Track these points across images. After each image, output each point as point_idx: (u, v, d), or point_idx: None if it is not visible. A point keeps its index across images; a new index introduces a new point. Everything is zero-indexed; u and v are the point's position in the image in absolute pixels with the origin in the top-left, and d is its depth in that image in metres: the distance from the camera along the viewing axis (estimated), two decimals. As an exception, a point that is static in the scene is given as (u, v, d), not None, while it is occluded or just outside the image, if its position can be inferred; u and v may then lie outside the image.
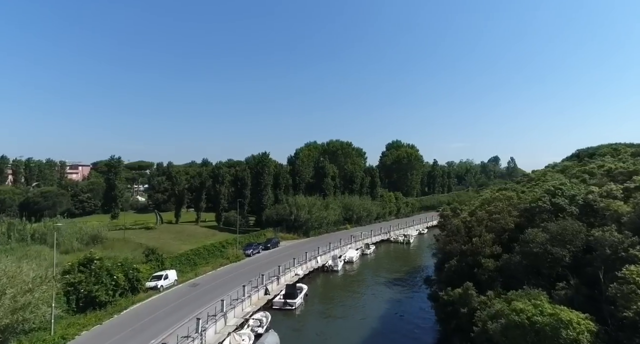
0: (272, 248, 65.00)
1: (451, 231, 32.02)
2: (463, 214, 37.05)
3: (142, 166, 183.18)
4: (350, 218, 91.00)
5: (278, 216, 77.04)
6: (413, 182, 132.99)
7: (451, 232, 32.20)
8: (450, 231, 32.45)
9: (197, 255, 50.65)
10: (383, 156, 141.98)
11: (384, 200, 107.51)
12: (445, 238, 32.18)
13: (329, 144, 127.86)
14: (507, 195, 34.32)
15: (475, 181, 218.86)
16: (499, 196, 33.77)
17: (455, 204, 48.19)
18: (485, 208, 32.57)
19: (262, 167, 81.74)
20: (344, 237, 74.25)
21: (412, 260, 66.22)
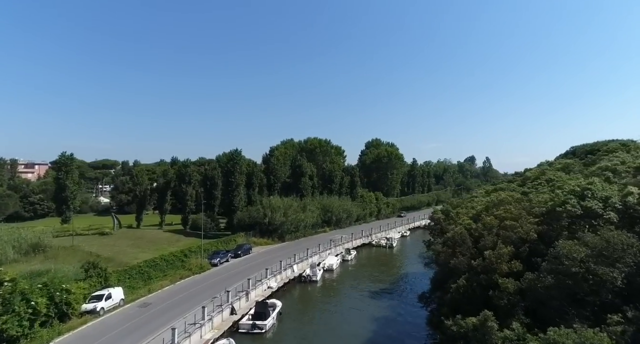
0: (243, 255, 58.20)
1: (453, 240, 26.48)
2: (463, 219, 31.70)
3: (106, 164, 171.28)
4: (329, 220, 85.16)
5: (251, 219, 70.20)
6: (393, 182, 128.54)
7: (453, 242, 26.68)
8: (452, 240, 26.92)
9: (153, 267, 43.33)
10: (362, 154, 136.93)
11: (365, 201, 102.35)
12: (447, 250, 26.57)
13: (307, 141, 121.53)
14: (515, 197, 29.21)
15: (453, 181, 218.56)
16: (507, 198, 28.59)
17: (448, 207, 42.93)
18: (492, 212, 27.29)
19: (234, 165, 74.65)
20: (323, 242, 68.25)
21: (397, 266, 60.91)
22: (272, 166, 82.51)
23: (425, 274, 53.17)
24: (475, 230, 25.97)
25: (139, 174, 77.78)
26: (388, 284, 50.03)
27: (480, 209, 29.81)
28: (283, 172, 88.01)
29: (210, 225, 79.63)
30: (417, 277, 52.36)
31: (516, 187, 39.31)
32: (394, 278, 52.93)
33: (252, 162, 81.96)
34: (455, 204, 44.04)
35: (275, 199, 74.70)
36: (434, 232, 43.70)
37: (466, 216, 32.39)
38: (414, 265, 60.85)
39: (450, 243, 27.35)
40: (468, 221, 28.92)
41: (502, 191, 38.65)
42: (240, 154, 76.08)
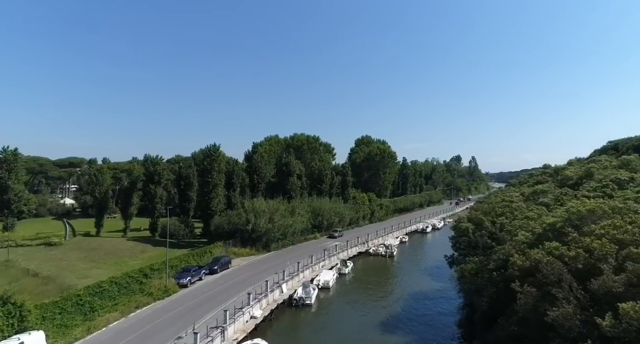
0: (221, 271, 48.22)
1: (544, 276, 16.77)
2: (520, 235, 22.88)
3: (73, 162, 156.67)
4: (320, 225, 75.84)
5: (231, 225, 60.12)
6: (386, 181, 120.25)
7: (541, 279, 17.06)
8: (530, 273, 17.65)
9: (98, 294, 32.95)
10: (352, 152, 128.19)
11: (357, 202, 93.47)
12: (530, 289, 16.95)
13: (293, 138, 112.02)
14: (613, 206, 20.52)
15: (442, 180, 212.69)
16: (603, 209, 19.87)
17: (477, 213, 34.26)
18: (590, 231, 18.35)
19: (211, 162, 64.39)
20: (315, 251, 59.00)
21: (404, 282, 51.88)
22: (256, 164, 72.57)
23: (441, 293, 44.54)
24: (575, 259, 17.08)
25: (99, 173, 66.45)
26: (400, 308, 40.91)
27: (555, 223, 21.09)
28: (268, 171, 78.22)
29: (183, 231, 69.22)
30: (433, 298, 43.58)
31: (569, 190, 30.86)
32: (406, 300, 43.85)
33: (232, 160, 71.93)
34: (487, 210, 35.43)
35: (260, 201, 64.84)
36: (461, 246, 34.93)
37: (524, 230, 23.64)
38: (421, 279, 52.22)
39: (534, 280, 18.00)
40: (523, 235, 20.17)
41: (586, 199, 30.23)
42: (219, 150, 65.88)
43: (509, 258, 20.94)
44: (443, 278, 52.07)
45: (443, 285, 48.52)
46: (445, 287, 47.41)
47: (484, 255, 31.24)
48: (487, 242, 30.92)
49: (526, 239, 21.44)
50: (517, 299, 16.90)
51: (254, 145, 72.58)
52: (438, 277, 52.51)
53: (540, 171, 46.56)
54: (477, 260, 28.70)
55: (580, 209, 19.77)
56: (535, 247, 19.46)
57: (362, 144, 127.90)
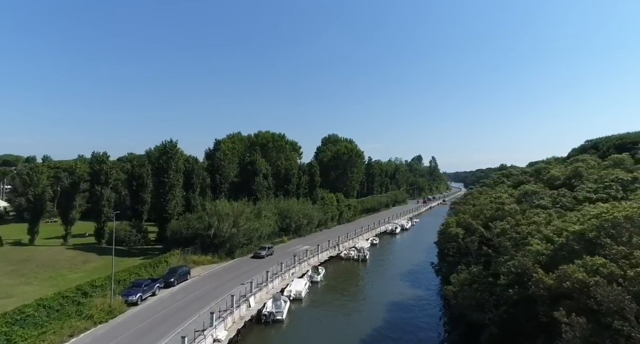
0: (179, 284, 42.46)
1: (599, 307, 12.98)
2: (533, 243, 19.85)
3: (8, 161, 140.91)
4: (288, 228, 71.32)
5: (190, 230, 54.11)
6: (353, 181, 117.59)
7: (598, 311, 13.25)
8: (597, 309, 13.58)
9: (20, 322, 26.49)
10: (318, 151, 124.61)
11: (326, 203, 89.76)
12: (590, 327, 12.85)
13: (258, 136, 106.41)
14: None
15: (405, 180, 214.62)
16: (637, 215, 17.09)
17: (467, 217, 31.37)
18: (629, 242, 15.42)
19: (167, 160, 57.87)
20: (283, 257, 54.59)
21: (381, 289, 48.34)
22: (218, 162, 66.66)
23: (422, 303, 41.53)
24: (634, 281, 13.79)
25: (33, 173, 57.73)
26: (379, 320, 37.38)
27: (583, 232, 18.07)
28: (231, 171, 72.48)
29: (135, 237, 62.15)
30: (415, 308, 40.51)
31: (566, 192, 28.64)
32: (385, 310, 40.41)
33: (192, 159, 65.57)
34: (474, 213, 32.70)
35: (223, 203, 59.23)
36: (449, 252, 31.90)
37: (537, 238, 20.67)
38: (400, 287, 49.17)
39: (575, 305, 14.50)
40: (538, 245, 17.15)
41: (616, 202, 27.75)
42: (176, 147, 59.43)
43: (526, 272, 17.87)
44: (421, 284, 49.48)
45: (423, 293, 45.78)
46: (425, 295, 44.68)
47: (477, 263, 28.31)
48: (482, 249, 28.05)
49: (545, 250, 18.48)
50: (562, 332, 13.54)
51: (216, 142, 66.73)
52: (416, 283, 49.82)
53: (520, 170, 45.21)
54: (471, 270, 25.59)
55: (617, 215, 17.02)
56: (562, 261, 16.43)
57: (329, 143, 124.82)
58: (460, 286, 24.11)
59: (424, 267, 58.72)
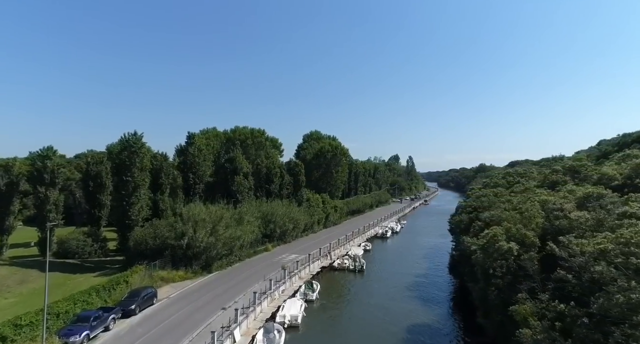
0: (142, 310, 33.55)
1: None
2: None
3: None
4: (272, 234, 63.06)
5: (158, 240, 45.02)
6: (338, 181, 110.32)
7: None
8: None
9: None
10: (300, 149, 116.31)
11: (311, 205, 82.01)
12: None
13: (235, 131, 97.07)
14: None
15: (385, 180, 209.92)
16: None
17: (522, 229, 24.62)
18: None
19: (130, 156, 48.36)
20: (269, 268, 46.82)
21: (390, 310, 41.11)
22: (192, 159, 57.49)
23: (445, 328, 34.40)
24: None
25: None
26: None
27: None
28: (206, 169, 63.39)
29: (91, 248, 52.46)
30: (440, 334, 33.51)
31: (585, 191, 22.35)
32: (405, 337, 33.11)
33: (160, 155, 56.12)
34: (520, 221, 25.95)
35: (198, 207, 50.39)
36: (496, 272, 24.96)
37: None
38: (409, 302, 42.15)
39: None
40: None
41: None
42: (141, 141, 49.92)
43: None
44: (435, 299, 42.79)
45: (441, 311, 39.10)
46: (442, 315, 37.99)
47: (543, 290, 21.66)
48: (542, 270, 21.44)
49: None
50: None
51: (189, 135, 57.50)
52: (430, 300, 43.02)
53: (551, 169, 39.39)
54: (553, 305, 18.71)
55: None
56: None
57: (312, 140, 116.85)
58: (545, 331, 17.12)
59: (431, 278, 52.19)
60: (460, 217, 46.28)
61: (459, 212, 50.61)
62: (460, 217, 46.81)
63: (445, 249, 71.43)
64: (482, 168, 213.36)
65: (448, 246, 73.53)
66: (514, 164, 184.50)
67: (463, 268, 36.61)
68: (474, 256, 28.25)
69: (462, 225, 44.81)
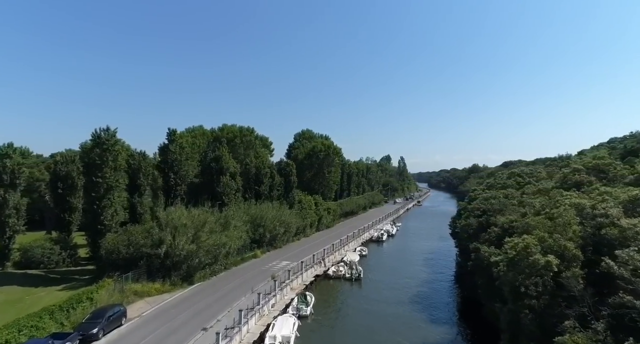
0: (107, 333, 28.60)
1: None
2: None
3: None
4: (261, 239, 58.36)
5: (133, 248, 40.05)
6: (331, 182, 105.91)
7: None
8: None
9: None
10: (292, 148, 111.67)
11: (303, 207, 77.46)
12: None
13: (223, 129, 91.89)
14: None
15: (377, 180, 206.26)
16: None
17: (562, 240, 20.54)
18: None
19: (102, 155, 43.23)
20: (257, 278, 42.41)
21: (395, 327, 36.77)
22: (173, 158, 52.46)
23: None
24: None
25: None
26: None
27: None
28: (190, 169, 58.35)
29: (59, 256, 47.24)
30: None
31: None
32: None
33: (139, 154, 50.94)
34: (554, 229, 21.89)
35: (180, 211, 45.44)
36: (528, 290, 20.83)
37: None
38: (415, 318, 37.89)
39: None
40: None
41: None
42: (115, 137, 44.78)
43: None
44: (444, 317, 38.64)
45: (450, 330, 34.95)
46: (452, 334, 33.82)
47: (596, 318, 17.53)
48: (588, 291, 17.37)
49: None
50: None
51: (170, 131, 52.29)
52: (437, 317, 38.83)
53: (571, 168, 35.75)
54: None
55: None
56: None
57: (304, 139, 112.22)
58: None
59: (435, 289, 48.10)
60: (468, 221, 42.24)
61: (465, 215, 46.59)
62: (467, 221, 42.77)
63: (446, 254, 67.59)
64: (475, 169, 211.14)
65: (449, 250, 69.79)
66: (508, 164, 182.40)
67: (476, 280, 32.51)
68: (497, 270, 24.07)
69: (471, 230, 40.78)
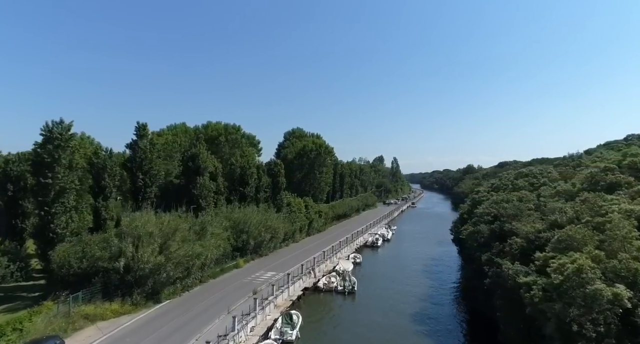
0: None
1: None
2: None
3: None
4: (245, 246, 52.44)
5: (86, 262, 33.92)
6: (322, 183, 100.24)
7: None
8: None
9: None
10: (281, 148, 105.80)
11: (293, 210, 71.66)
12: None
13: (207, 127, 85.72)
14: None
15: (370, 181, 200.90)
16: None
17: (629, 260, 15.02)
18: None
19: (55, 151, 36.98)
20: (239, 293, 36.60)
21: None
22: (143, 156, 46.29)
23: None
24: None
25: None
26: None
27: None
28: (162, 168, 52.17)
29: (5, 270, 40.76)
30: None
31: None
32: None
33: (104, 152, 44.64)
34: (612, 248, 16.56)
35: (147, 216, 39.36)
36: (582, 326, 15.34)
37: None
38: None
39: None
40: None
41: None
42: (69, 131, 38.49)
43: None
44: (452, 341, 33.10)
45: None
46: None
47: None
48: None
49: None
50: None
51: (139, 126, 45.89)
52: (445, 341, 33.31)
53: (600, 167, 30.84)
54: None
55: None
56: None
57: (294, 138, 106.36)
58: None
59: (440, 304, 42.52)
60: (478, 227, 36.86)
61: (473, 220, 41.23)
62: (476, 227, 37.40)
63: (448, 262, 62.28)
64: (470, 169, 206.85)
65: (450, 257, 64.46)
66: (504, 164, 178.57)
67: (493, 300, 27.03)
68: (530, 295, 18.61)
69: (481, 238, 35.39)
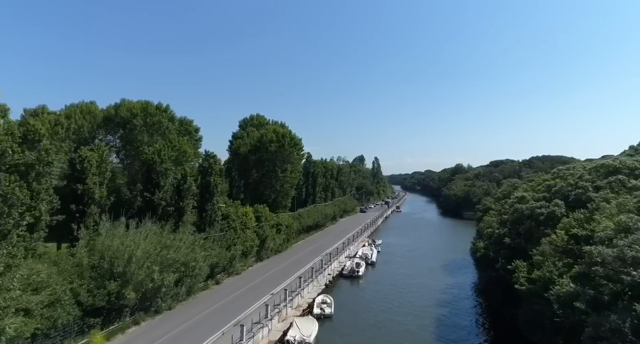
0: None
1: None
2: None
3: None
4: (112, 306, 27.95)
5: None
6: (286, 185, 76.27)
7: None
8: None
9: None
10: (234, 138, 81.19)
11: (230, 227, 47.36)
12: None
13: (119, 107, 60.17)
14: None
15: (350, 183, 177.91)
16: None
17: None
18: None
19: None
20: None
21: None
22: None
23: None
24: None
25: None
26: None
27: None
28: None
29: None
30: None
31: None
32: None
33: None
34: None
35: None
36: None
37: None
38: None
39: None
40: None
41: None
42: None
43: None
44: None
45: None
46: None
47: None
48: None
49: None
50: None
51: None
52: None
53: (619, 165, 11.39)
54: None
55: None
56: None
57: (252, 127, 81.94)
58: None
59: None
60: (550, 267, 14.07)
61: (539, 252, 18.35)
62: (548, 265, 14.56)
63: (471, 306, 38.66)
64: (460, 169, 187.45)
65: (474, 294, 41.08)
66: (497, 163, 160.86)
67: None
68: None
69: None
